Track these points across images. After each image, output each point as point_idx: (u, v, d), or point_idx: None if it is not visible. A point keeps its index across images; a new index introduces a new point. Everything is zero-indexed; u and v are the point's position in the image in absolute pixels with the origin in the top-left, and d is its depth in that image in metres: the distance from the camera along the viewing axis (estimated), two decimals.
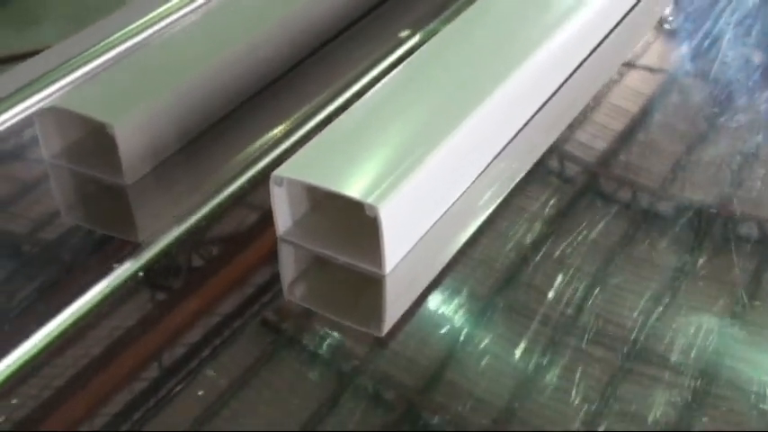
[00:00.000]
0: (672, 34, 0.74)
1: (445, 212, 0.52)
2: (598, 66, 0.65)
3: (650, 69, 0.70)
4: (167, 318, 0.49)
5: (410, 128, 0.52)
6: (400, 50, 0.67)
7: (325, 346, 0.45)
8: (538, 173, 0.56)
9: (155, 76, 0.58)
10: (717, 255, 0.51)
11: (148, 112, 0.55)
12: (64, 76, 0.62)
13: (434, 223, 0.51)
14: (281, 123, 0.60)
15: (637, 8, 0.70)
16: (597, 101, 0.63)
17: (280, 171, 0.49)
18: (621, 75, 0.67)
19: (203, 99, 0.58)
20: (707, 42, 0.70)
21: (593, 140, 0.60)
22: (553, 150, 0.58)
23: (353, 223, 0.48)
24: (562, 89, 0.62)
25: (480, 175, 0.55)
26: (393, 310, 0.48)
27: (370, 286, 0.48)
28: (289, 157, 0.50)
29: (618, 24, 0.68)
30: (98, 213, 0.55)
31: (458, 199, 0.53)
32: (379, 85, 0.56)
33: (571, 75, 0.63)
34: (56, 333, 0.46)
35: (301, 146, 0.51)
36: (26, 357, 0.45)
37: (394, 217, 0.47)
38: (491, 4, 0.64)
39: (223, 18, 0.65)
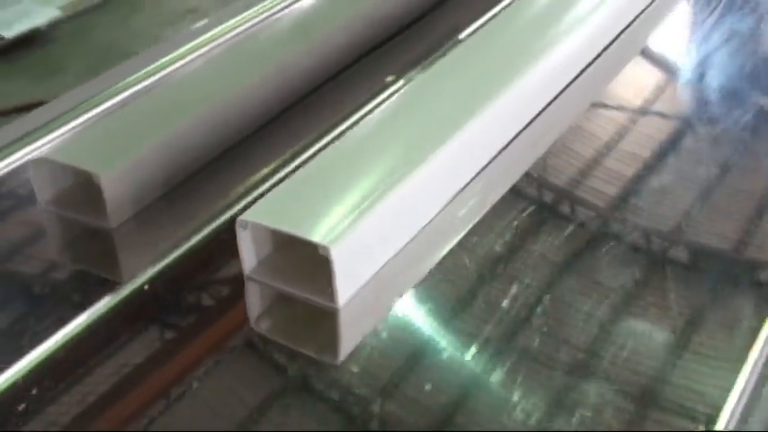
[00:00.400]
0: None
1: (399, 251, 0.57)
2: (567, 102, 0.71)
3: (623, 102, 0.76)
4: (149, 343, 0.54)
5: (369, 174, 0.57)
6: (383, 95, 0.72)
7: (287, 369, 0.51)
8: (487, 219, 0.61)
9: (139, 128, 0.63)
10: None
11: (132, 162, 0.61)
12: (58, 127, 0.68)
13: (388, 261, 0.56)
14: (260, 169, 0.65)
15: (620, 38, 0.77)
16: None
17: (245, 216, 0.54)
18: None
19: (185, 149, 0.63)
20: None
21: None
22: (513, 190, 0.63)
23: (312, 262, 0.53)
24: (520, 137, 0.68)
25: (435, 216, 0.60)
26: (346, 339, 0.53)
27: (325, 319, 0.53)
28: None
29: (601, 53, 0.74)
30: (84, 253, 0.61)
31: (412, 239, 0.58)
32: (349, 132, 0.62)
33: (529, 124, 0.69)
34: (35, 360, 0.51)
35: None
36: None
37: (346, 256, 0.52)
38: (464, 52, 0.70)
39: (206, 73, 0.70)
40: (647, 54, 0.81)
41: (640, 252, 0.59)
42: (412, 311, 0.55)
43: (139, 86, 0.71)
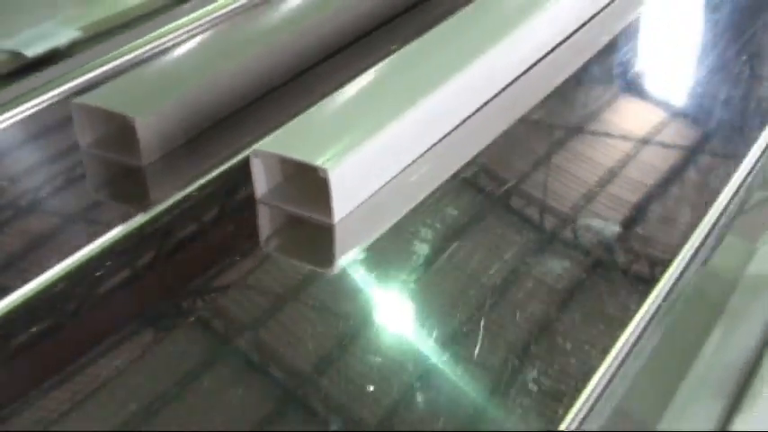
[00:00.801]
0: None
1: (390, 180, 0.67)
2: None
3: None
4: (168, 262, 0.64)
5: (365, 115, 0.68)
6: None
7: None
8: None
9: (168, 80, 0.74)
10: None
11: (162, 109, 0.71)
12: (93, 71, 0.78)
13: (380, 187, 0.66)
14: (272, 123, 0.75)
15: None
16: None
17: (258, 146, 0.64)
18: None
19: (208, 102, 0.74)
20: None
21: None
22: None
23: (315, 187, 0.63)
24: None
25: (422, 154, 0.70)
26: (340, 250, 0.63)
27: (322, 233, 0.63)
28: None
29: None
30: (119, 186, 0.71)
31: (402, 170, 0.68)
32: (349, 84, 0.72)
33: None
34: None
35: None
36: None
37: (342, 178, 0.62)
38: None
39: (232, 33, 0.81)
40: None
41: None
42: (399, 230, 0.64)
43: (169, 39, 0.82)
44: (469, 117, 0.74)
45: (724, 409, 0.86)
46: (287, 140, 0.65)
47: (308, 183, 0.64)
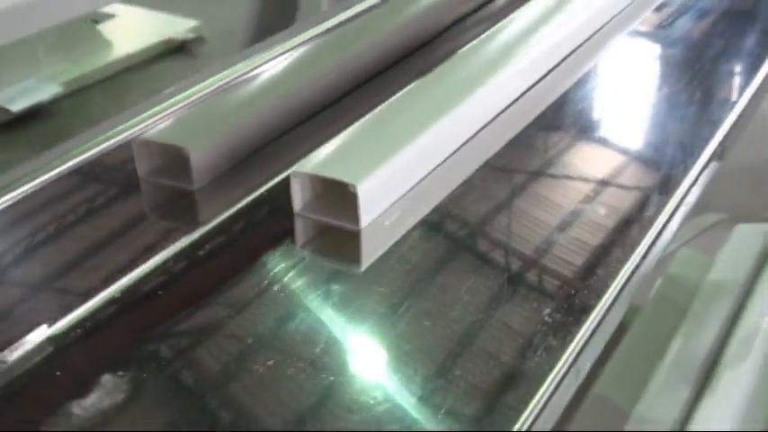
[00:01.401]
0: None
1: (409, 190, 0.81)
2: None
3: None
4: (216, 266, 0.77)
5: (385, 138, 0.82)
6: None
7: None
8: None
9: (214, 117, 0.88)
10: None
11: (212, 141, 0.85)
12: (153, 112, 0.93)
13: (400, 197, 0.80)
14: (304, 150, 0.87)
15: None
16: None
17: (296, 167, 0.78)
18: None
19: (247, 136, 0.88)
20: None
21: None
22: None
23: (345, 200, 0.77)
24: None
25: (440, 164, 0.85)
26: (367, 250, 0.77)
27: (352, 238, 0.77)
28: None
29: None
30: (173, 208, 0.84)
31: (421, 180, 0.82)
32: (376, 109, 0.87)
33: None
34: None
35: None
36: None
37: (368, 193, 0.76)
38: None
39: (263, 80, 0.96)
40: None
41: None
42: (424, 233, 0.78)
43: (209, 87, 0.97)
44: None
45: (691, 394, 0.99)
46: (320, 162, 0.79)
47: (341, 195, 0.77)
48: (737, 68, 1.12)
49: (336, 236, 0.78)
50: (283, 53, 1.01)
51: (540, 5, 1.06)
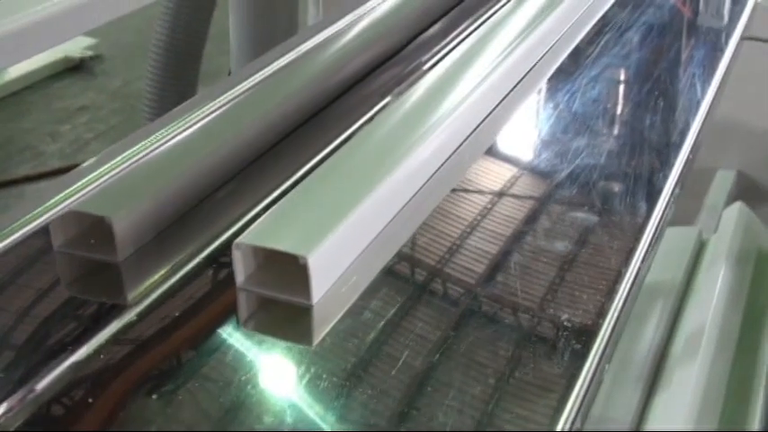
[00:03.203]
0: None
1: (359, 254, 0.75)
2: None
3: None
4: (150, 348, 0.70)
5: (330, 200, 0.76)
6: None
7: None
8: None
9: (136, 182, 0.81)
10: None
11: (135, 208, 0.78)
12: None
13: (350, 264, 0.75)
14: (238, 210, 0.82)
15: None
16: None
17: (240, 239, 0.72)
18: None
19: (174, 199, 0.81)
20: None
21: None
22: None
23: (293, 271, 0.71)
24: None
25: (388, 224, 0.79)
26: (318, 328, 0.71)
27: (303, 314, 0.71)
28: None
29: None
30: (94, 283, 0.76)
31: (371, 242, 0.77)
32: (317, 170, 0.81)
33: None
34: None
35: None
36: None
37: (320, 263, 0.70)
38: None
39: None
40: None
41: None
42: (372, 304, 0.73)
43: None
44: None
45: (644, 392, 1.01)
46: (265, 231, 0.73)
47: (287, 266, 0.72)
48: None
49: (284, 310, 0.72)
50: (199, 118, 0.94)
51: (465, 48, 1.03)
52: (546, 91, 1.10)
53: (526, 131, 1.05)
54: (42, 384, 0.65)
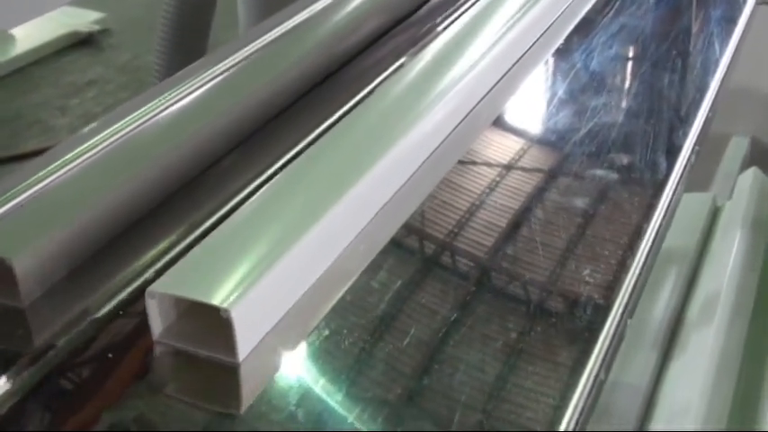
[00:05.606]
0: None
1: (292, 307, 0.65)
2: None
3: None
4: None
5: (260, 242, 0.65)
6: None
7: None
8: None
9: (42, 218, 0.69)
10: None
11: (40, 247, 0.67)
12: None
13: (282, 317, 0.64)
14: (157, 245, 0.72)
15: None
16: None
17: (153, 287, 0.61)
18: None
19: (90, 232, 0.70)
20: None
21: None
22: None
23: (214, 323, 0.61)
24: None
25: (324, 271, 0.68)
26: (247, 390, 0.60)
27: (227, 373, 0.61)
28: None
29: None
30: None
31: (304, 293, 0.66)
32: (243, 207, 0.70)
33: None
34: None
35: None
36: None
37: (244, 316, 0.60)
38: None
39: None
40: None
41: None
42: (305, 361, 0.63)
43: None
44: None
45: (659, 358, 1.01)
46: (182, 276, 0.62)
47: (207, 317, 0.61)
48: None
49: (207, 368, 0.62)
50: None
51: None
52: (561, 52, 1.07)
53: (539, 93, 1.01)
54: None
